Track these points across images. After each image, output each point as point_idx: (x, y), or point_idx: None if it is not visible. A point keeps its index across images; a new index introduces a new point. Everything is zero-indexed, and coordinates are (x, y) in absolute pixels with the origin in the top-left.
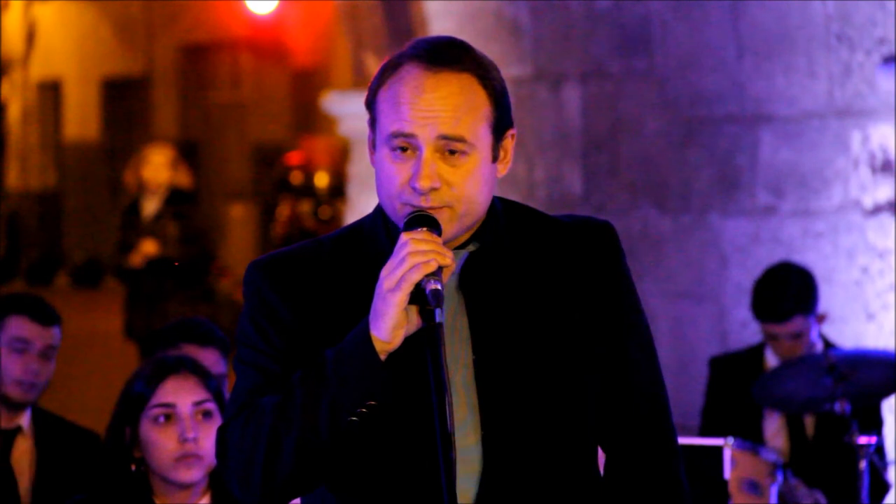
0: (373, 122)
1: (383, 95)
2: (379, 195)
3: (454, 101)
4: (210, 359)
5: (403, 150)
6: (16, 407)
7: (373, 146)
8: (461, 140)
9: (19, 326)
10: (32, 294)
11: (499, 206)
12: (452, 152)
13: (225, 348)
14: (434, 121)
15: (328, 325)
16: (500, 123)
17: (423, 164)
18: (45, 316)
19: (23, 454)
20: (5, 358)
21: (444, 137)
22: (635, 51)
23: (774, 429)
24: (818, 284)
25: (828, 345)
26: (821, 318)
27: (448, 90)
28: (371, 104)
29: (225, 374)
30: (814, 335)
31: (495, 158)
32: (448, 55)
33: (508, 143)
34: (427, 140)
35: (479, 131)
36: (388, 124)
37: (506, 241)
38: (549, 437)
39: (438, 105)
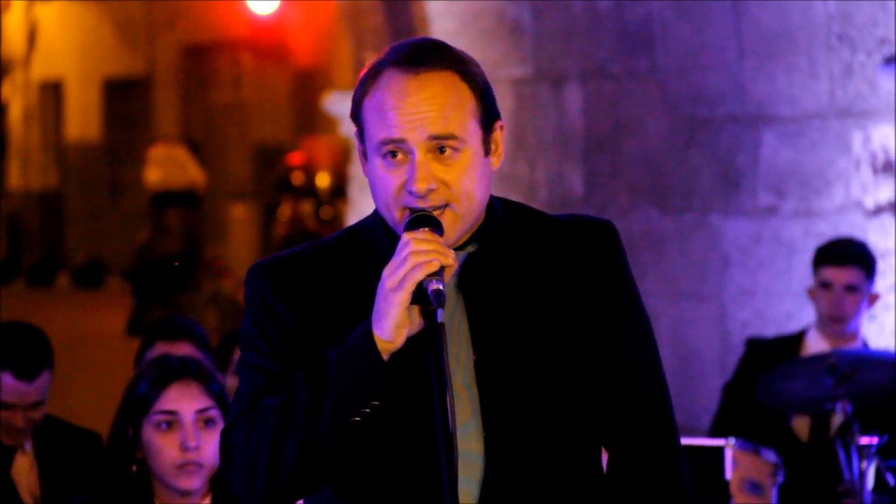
0: (361, 134)
1: (368, 105)
2: (376, 205)
3: (439, 100)
4: (182, 351)
5: (395, 155)
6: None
7: (364, 157)
8: (451, 137)
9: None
10: (17, 342)
11: (498, 206)
12: (444, 150)
13: (200, 341)
14: (422, 122)
15: (330, 328)
16: (487, 116)
17: (417, 167)
18: (28, 370)
19: (24, 465)
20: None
21: (435, 137)
22: (637, 51)
23: (799, 416)
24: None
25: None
26: (873, 299)
27: (432, 90)
28: (356, 115)
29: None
30: (862, 311)
31: (487, 152)
32: (427, 55)
33: (498, 135)
34: (417, 142)
35: (467, 127)
36: (376, 132)
37: (505, 242)
38: (551, 436)
39: (425, 106)
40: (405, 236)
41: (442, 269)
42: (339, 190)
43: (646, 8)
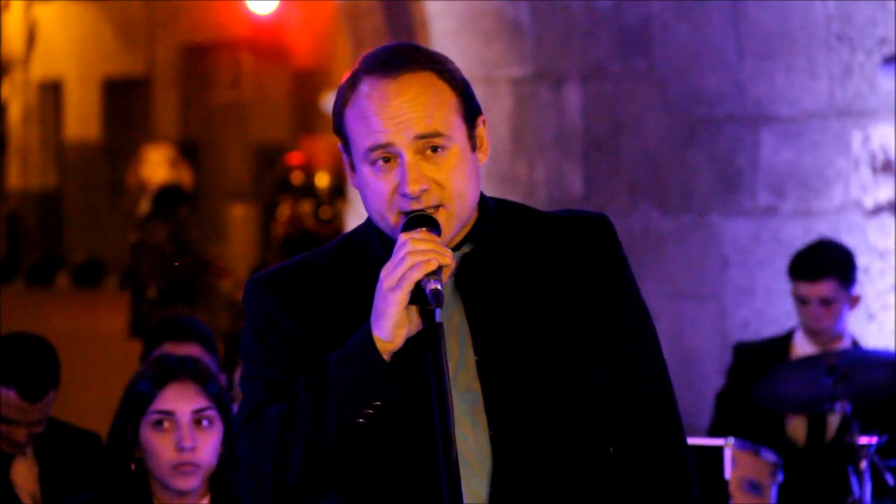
0: (346, 145)
1: (350, 115)
2: (369, 213)
3: (421, 100)
4: (189, 352)
5: (386, 160)
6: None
7: (351, 169)
8: (438, 135)
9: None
10: (24, 362)
11: (491, 205)
12: (434, 149)
13: (207, 343)
14: (407, 124)
15: (330, 336)
16: (469, 112)
17: (408, 169)
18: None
19: (24, 467)
20: None
21: (421, 137)
22: (636, 51)
23: (794, 422)
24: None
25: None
26: (854, 301)
27: (412, 91)
28: (339, 127)
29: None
30: (844, 316)
31: (474, 148)
32: (402, 59)
33: (481, 130)
34: (405, 144)
35: (452, 123)
36: (362, 141)
37: (501, 240)
38: (556, 432)
39: (407, 108)
40: (402, 236)
41: (440, 268)
42: (339, 190)
43: (645, 8)
